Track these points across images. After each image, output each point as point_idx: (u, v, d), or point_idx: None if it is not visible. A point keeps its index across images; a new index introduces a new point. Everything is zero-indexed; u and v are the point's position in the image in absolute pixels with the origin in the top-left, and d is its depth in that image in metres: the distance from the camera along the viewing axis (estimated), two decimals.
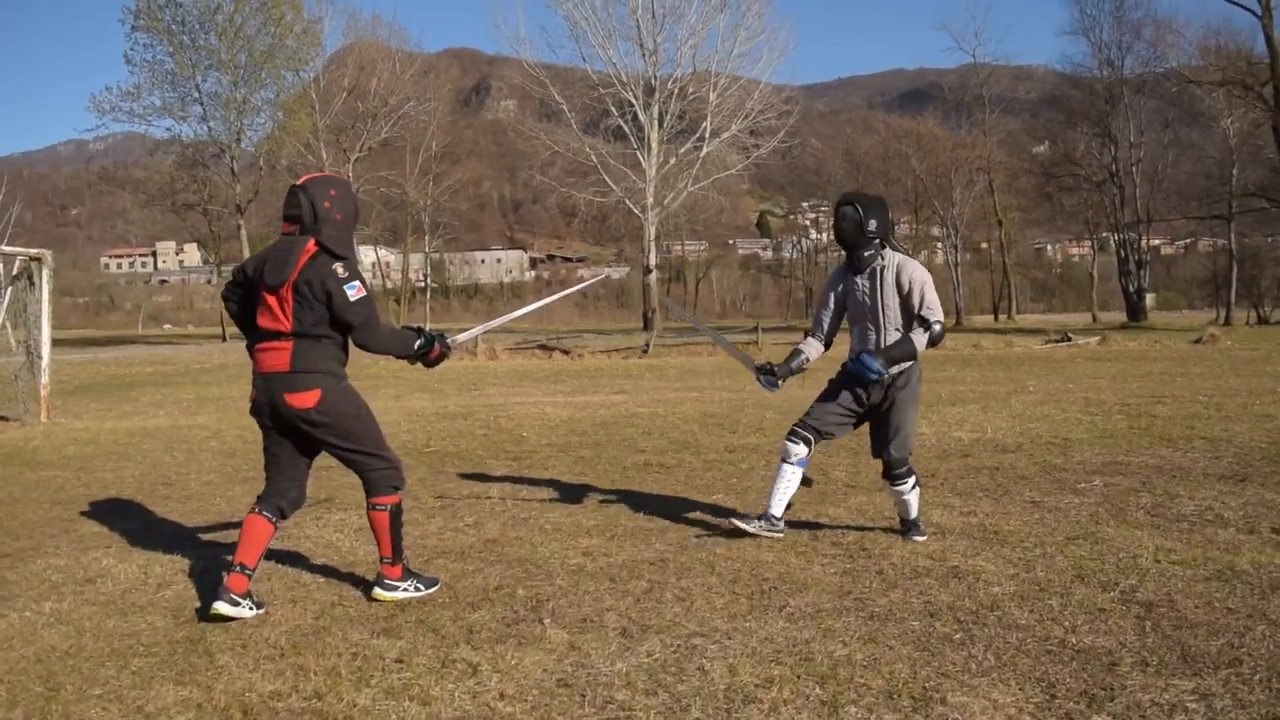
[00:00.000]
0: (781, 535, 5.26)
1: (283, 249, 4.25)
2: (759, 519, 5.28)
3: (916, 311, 5.11)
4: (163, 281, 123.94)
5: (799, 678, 3.35)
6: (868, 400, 5.24)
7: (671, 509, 6.20)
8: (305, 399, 4.25)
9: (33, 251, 13.05)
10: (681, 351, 27.46)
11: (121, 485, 7.77)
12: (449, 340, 4.65)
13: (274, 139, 47.76)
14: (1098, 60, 52.81)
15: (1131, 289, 52.30)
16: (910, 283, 5.12)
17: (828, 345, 5.61)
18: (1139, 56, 51.59)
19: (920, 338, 5.08)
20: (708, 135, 44.58)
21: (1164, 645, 3.54)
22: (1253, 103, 43.36)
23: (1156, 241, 75.81)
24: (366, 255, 67.06)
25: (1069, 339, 27.80)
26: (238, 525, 5.97)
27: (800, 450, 5.22)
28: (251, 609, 4.23)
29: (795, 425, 5.31)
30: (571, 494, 6.84)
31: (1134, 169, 52.38)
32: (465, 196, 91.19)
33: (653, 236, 44.81)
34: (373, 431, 4.43)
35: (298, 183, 4.30)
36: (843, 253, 5.41)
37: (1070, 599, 4.08)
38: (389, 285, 71.70)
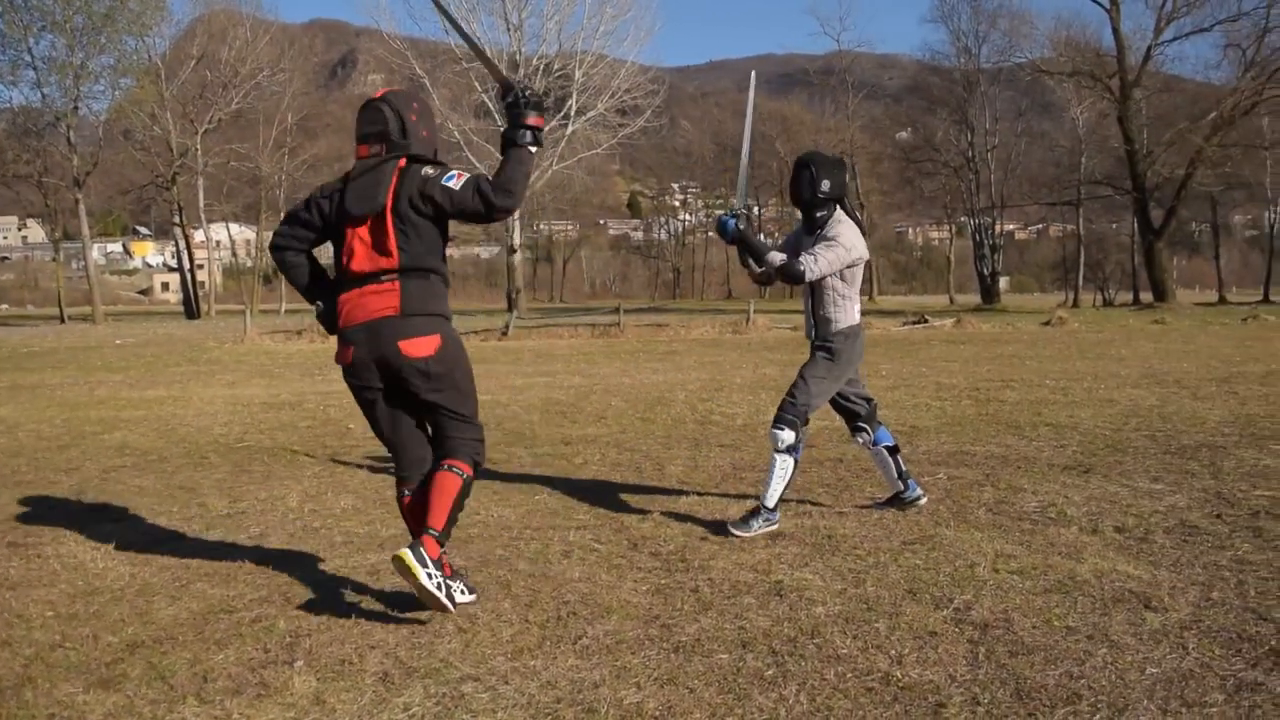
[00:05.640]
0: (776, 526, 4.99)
1: (368, 173, 3.59)
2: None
3: (808, 248, 4.99)
4: (3, 259, 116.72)
5: None
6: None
7: (485, 514, 5.61)
8: (424, 345, 3.64)
9: None
10: (541, 334, 26.80)
11: None
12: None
13: (116, 108, 45.19)
14: (956, 49, 54.18)
15: (986, 272, 53.79)
16: (826, 236, 4.98)
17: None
18: (995, 46, 53.10)
19: (777, 257, 4.98)
20: (573, 113, 43.87)
21: (997, 678, 3.13)
22: (1101, 94, 44.99)
23: (1010, 226, 78.24)
24: (218, 233, 64.10)
25: (926, 321, 28.14)
26: None
27: (788, 436, 4.99)
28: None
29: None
30: (380, 497, 6.18)
31: (989, 155, 53.94)
32: (327, 172, 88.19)
33: (517, 215, 43.87)
34: (474, 393, 3.89)
35: (376, 96, 3.69)
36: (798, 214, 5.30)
37: (899, 621, 3.65)
38: (250, 263, 68.83)
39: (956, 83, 54.21)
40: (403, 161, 3.62)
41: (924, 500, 5.46)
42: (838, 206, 5.12)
